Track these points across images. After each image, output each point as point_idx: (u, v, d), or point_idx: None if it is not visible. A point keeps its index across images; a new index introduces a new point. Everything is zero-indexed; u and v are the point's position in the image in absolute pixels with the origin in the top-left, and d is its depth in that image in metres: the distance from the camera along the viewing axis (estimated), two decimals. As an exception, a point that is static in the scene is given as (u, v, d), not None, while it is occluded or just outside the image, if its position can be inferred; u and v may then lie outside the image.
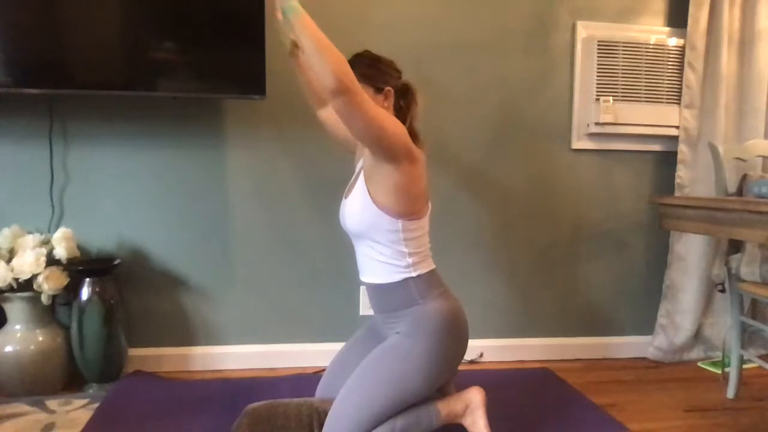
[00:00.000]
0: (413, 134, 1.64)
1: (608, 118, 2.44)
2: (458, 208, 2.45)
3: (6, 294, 2.00)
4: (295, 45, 1.83)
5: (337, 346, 1.85)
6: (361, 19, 2.32)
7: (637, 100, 2.47)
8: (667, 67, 2.49)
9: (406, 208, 1.58)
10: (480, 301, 2.49)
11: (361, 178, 1.62)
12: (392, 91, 1.66)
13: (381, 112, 1.50)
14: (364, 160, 1.65)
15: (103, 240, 2.26)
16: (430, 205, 1.69)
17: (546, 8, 2.45)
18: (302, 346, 2.41)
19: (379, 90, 1.64)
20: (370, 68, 1.65)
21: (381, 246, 1.60)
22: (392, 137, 1.50)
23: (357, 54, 1.68)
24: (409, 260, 1.60)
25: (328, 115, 1.92)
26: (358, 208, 1.61)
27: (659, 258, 2.58)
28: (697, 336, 2.57)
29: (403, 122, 1.64)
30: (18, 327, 2.04)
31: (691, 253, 2.50)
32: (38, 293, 2.00)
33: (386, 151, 1.51)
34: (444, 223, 2.38)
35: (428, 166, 1.69)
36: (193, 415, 1.86)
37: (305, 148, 2.33)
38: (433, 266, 1.67)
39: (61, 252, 2.05)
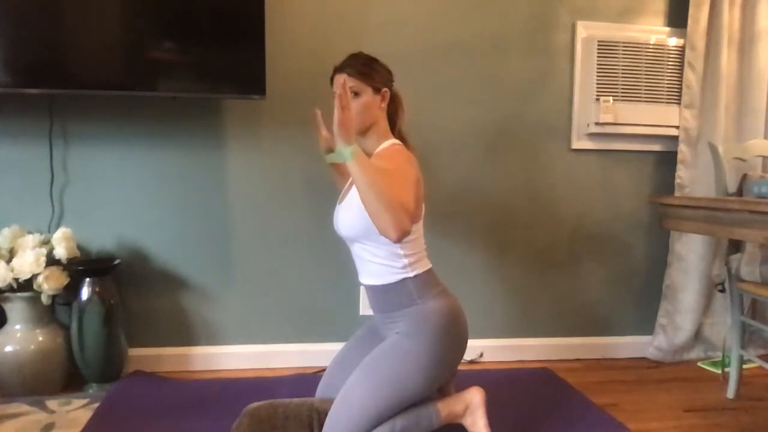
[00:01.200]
0: (403, 139, 1.70)
1: (608, 118, 2.44)
2: (458, 207, 2.45)
3: (6, 294, 2.00)
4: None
5: (337, 346, 1.85)
6: (361, 19, 2.32)
7: (637, 100, 2.47)
8: (667, 67, 2.48)
9: None
10: (480, 301, 2.49)
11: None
12: (389, 93, 1.69)
13: (413, 196, 1.50)
14: None
15: (103, 240, 2.26)
16: (424, 207, 1.69)
17: (546, 8, 2.45)
18: (302, 346, 2.41)
19: (377, 90, 1.66)
20: (367, 67, 1.67)
21: (376, 249, 1.61)
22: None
23: (352, 54, 1.69)
24: (405, 261, 1.61)
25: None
26: (352, 214, 1.61)
27: (659, 258, 2.58)
28: (697, 336, 2.57)
29: (393, 127, 1.71)
30: (18, 327, 2.04)
31: (691, 253, 2.50)
32: (38, 293, 2.00)
33: None
34: (444, 223, 2.38)
35: (428, 166, 1.69)
36: (193, 415, 1.86)
37: (305, 148, 2.33)
38: (430, 266, 1.67)
39: (61, 252, 2.05)
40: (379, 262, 1.61)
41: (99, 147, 2.23)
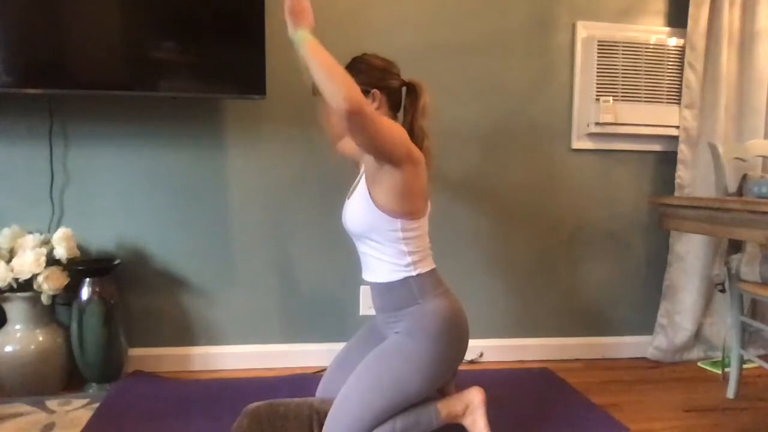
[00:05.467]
0: (417, 133, 1.65)
1: (608, 118, 2.44)
2: (458, 207, 2.45)
3: (6, 294, 2.00)
4: None
5: (337, 346, 1.85)
6: (361, 19, 2.32)
7: (637, 100, 2.47)
8: (667, 67, 2.48)
9: (406, 208, 1.58)
10: (480, 301, 2.49)
11: (363, 180, 1.62)
12: (379, 93, 1.64)
13: (386, 124, 1.51)
14: (366, 164, 1.65)
15: (103, 240, 2.26)
16: (429, 204, 1.69)
17: (546, 8, 2.45)
18: (302, 346, 2.41)
19: (365, 93, 1.63)
20: (349, 68, 1.65)
21: (381, 245, 1.61)
22: (394, 146, 1.51)
23: (354, 57, 1.68)
24: (409, 259, 1.61)
25: (344, 146, 1.96)
26: (359, 208, 1.62)
27: (659, 258, 2.58)
28: (697, 336, 2.57)
29: (410, 121, 1.65)
30: (18, 327, 2.04)
31: (691, 253, 2.50)
32: (38, 293, 2.00)
33: (388, 157, 1.52)
34: (444, 222, 2.38)
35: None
36: (193, 415, 1.86)
37: (305, 148, 2.33)
38: (434, 266, 1.67)
39: (61, 252, 2.05)
40: (383, 260, 1.61)
41: (99, 147, 2.23)
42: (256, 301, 2.38)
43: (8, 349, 2.02)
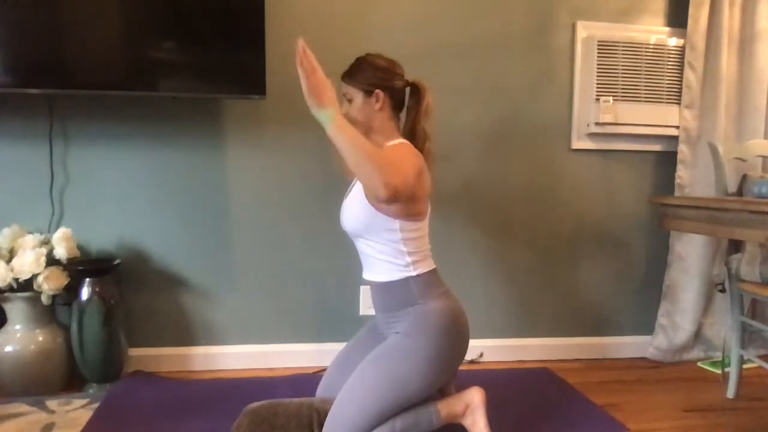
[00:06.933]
0: (419, 135, 1.65)
1: (608, 118, 2.44)
2: (458, 207, 2.45)
3: (6, 294, 2.00)
4: None
5: (337, 346, 1.85)
6: (361, 19, 2.32)
7: (637, 100, 2.47)
8: (667, 67, 2.48)
9: (406, 210, 1.58)
10: (480, 301, 2.49)
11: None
12: (382, 93, 1.64)
13: (412, 175, 1.51)
14: None
15: (103, 240, 2.26)
16: (429, 206, 1.69)
17: (546, 8, 2.45)
18: (302, 346, 2.41)
19: (367, 92, 1.64)
20: (353, 69, 1.66)
21: (380, 245, 1.61)
22: (414, 189, 1.53)
23: (358, 57, 1.68)
24: (409, 259, 1.61)
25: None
26: (357, 208, 1.62)
27: (659, 258, 2.58)
28: (697, 336, 2.57)
29: (413, 122, 1.66)
30: (18, 327, 2.04)
31: (691, 253, 2.50)
32: (38, 293, 2.00)
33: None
34: (444, 222, 2.38)
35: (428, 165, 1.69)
36: (193, 415, 1.86)
37: (305, 148, 2.33)
38: (434, 266, 1.67)
39: (61, 252, 2.05)
40: (382, 259, 1.62)
41: (99, 147, 2.23)
42: (256, 301, 2.38)
43: (8, 349, 2.02)
